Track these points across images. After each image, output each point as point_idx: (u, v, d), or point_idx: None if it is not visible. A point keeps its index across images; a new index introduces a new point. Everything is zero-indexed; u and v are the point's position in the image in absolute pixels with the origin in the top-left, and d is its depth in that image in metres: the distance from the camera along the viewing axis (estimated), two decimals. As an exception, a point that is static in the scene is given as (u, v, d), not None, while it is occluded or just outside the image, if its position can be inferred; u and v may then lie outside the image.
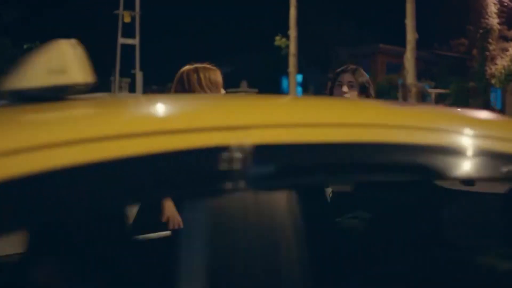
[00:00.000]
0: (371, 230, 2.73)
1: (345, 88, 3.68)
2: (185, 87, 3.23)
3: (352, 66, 3.73)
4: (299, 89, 28.98)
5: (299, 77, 28.83)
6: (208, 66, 3.32)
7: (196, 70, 3.26)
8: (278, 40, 21.94)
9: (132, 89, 17.92)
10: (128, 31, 17.44)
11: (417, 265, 2.51)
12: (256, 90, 22.14)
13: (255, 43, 29.16)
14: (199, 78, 3.23)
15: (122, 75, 17.90)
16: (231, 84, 22.27)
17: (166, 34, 29.05)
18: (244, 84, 22.01)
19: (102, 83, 17.74)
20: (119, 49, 17.43)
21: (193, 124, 1.23)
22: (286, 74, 21.97)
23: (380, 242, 2.57)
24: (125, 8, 16.84)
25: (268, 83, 26.85)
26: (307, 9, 25.48)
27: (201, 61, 3.24)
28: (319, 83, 32.82)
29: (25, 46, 18.95)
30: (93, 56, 3.26)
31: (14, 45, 18.61)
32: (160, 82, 22.23)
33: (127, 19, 17.18)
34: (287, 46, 21.23)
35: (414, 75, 20.12)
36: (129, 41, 17.23)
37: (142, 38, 17.16)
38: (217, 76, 3.30)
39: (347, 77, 3.70)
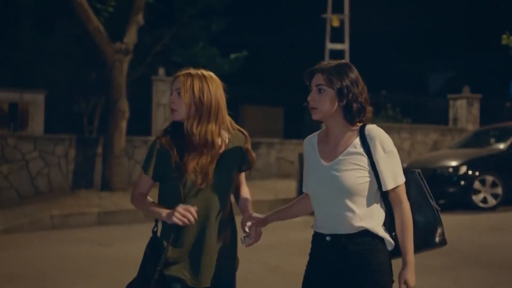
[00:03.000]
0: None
1: (311, 95, 2.97)
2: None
3: (326, 64, 2.96)
4: (531, 93, 25.87)
5: (531, 80, 25.79)
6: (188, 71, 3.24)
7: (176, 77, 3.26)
8: (506, 39, 19.47)
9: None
10: (337, 36, 16.52)
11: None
12: (480, 95, 19.92)
13: (479, 44, 26.74)
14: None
15: (331, 83, 16.90)
16: (454, 90, 20.29)
17: (376, 37, 27.61)
18: (466, 89, 20.04)
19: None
20: (327, 55, 16.45)
21: None
22: (515, 76, 19.48)
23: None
24: (334, 12, 15.93)
25: (494, 88, 24.33)
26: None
27: (421, 67, 2.03)
28: (556, 86, 29.05)
29: (232, 56, 18.63)
30: (301, 63, 5.21)
31: (221, 55, 18.44)
32: (374, 89, 20.98)
33: (336, 23, 16.25)
34: (516, 45, 18.72)
35: None
36: (338, 46, 16.20)
37: (351, 43, 16.11)
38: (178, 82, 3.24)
39: (316, 79, 2.96)
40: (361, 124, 2.97)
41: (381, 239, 2.93)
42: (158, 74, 16.15)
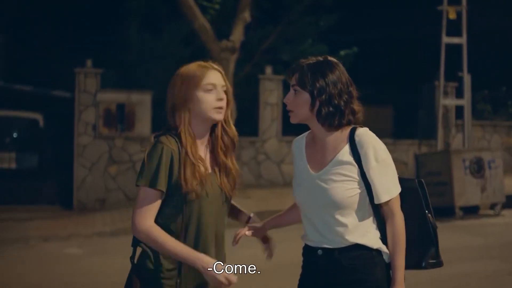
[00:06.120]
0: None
1: (287, 97, 2.73)
2: (172, 90, 2.87)
3: (304, 61, 2.69)
4: None
5: None
6: (204, 64, 2.85)
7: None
8: None
9: (459, 94, 15.78)
10: (453, 29, 15.61)
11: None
12: None
13: None
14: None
15: (447, 78, 15.79)
16: None
17: (496, 30, 26.11)
18: None
19: (425, 88, 15.89)
20: (443, 50, 15.49)
21: None
22: None
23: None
24: (450, 3, 15.10)
25: None
26: None
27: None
28: None
29: (342, 53, 17.95)
30: (415, 58, 14.00)
31: (330, 52, 17.82)
32: (491, 86, 19.77)
33: (452, 16, 15.35)
34: None
35: None
36: (455, 40, 15.27)
37: (469, 36, 15.19)
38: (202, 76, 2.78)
39: (292, 79, 2.72)
40: (351, 127, 2.74)
41: (378, 251, 2.70)
42: (265, 73, 15.74)
